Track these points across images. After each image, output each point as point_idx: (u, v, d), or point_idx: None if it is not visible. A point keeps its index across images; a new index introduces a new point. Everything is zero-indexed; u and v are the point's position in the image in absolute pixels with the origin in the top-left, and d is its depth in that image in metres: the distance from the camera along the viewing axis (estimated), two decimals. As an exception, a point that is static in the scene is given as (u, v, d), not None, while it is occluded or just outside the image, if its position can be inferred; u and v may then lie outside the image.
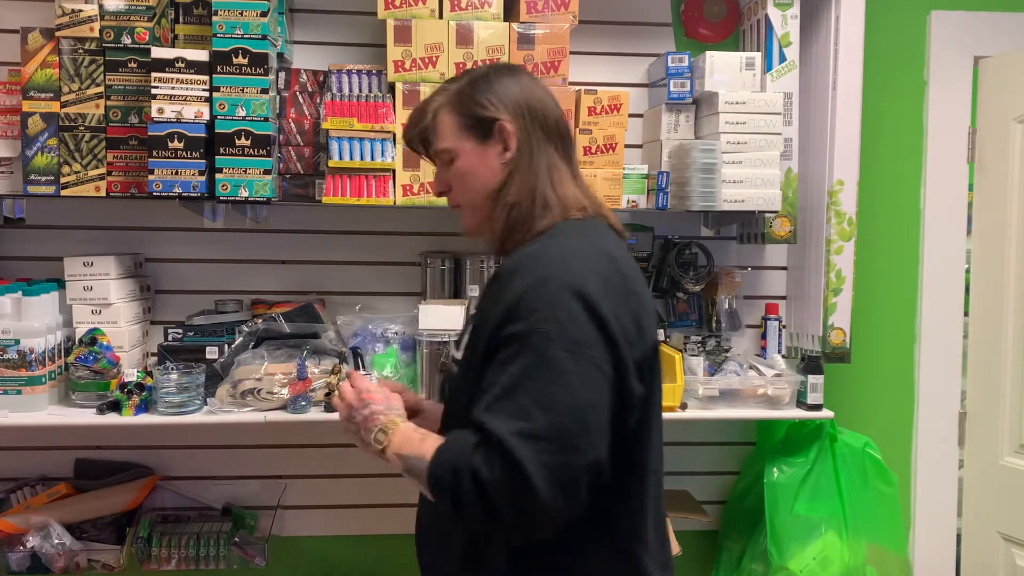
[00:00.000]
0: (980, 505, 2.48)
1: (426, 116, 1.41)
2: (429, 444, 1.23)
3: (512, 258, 1.29)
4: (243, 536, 2.28)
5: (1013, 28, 2.53)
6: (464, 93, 1.39)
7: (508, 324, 1.19)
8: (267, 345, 2.12)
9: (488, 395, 1.17)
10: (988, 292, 2.46)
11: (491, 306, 1.25)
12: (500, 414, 1.14)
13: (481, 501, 1.13)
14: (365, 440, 1.31)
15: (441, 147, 1.39)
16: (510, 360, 1.16)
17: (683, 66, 2.24)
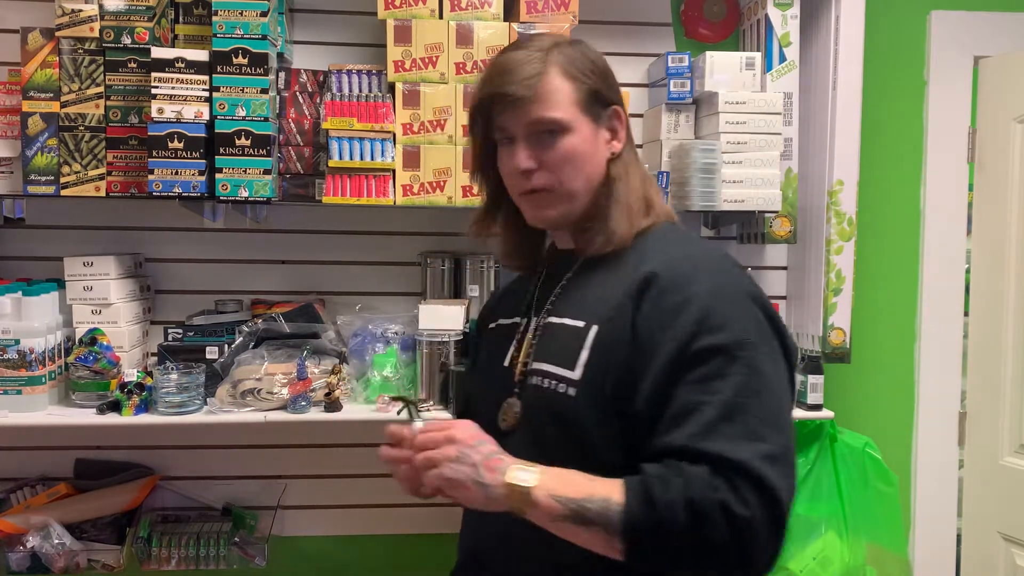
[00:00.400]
0: (980, 505, 2.48)
1: (529, 69, 1.16)
2: (603, 483, 1.02)
3: (647, 265, 1.12)
4: (243, 536, 2.28)
5: (1013, 28, 2.53)
6: (575, 57, 1.20)
7: (701, 337, 1.04)
8: (267, 345, 2.12)
9: (698, 418, 1.00)
10: (988, 292, 2.46)
11: (646, 323, 1.08)
12: (731, 439, 0.99)
13: (736, 543, 0.96)
14: (490, 482, 1.03)
15: (550, 116, 1.16)
16: (718, 377, 1.02)
17: (683, 66, 2.24)
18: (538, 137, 1.18)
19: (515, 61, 1.17)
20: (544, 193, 1.20)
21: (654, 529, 0.98)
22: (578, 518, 1.00)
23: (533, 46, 1.20)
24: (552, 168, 1.18)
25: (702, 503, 0.96)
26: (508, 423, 1.20)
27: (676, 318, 1.07)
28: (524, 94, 1.16)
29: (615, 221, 1.19)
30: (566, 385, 1.13)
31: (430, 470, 1.06)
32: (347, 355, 2.18)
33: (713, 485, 0.97)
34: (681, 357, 1.05)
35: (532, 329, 1.24)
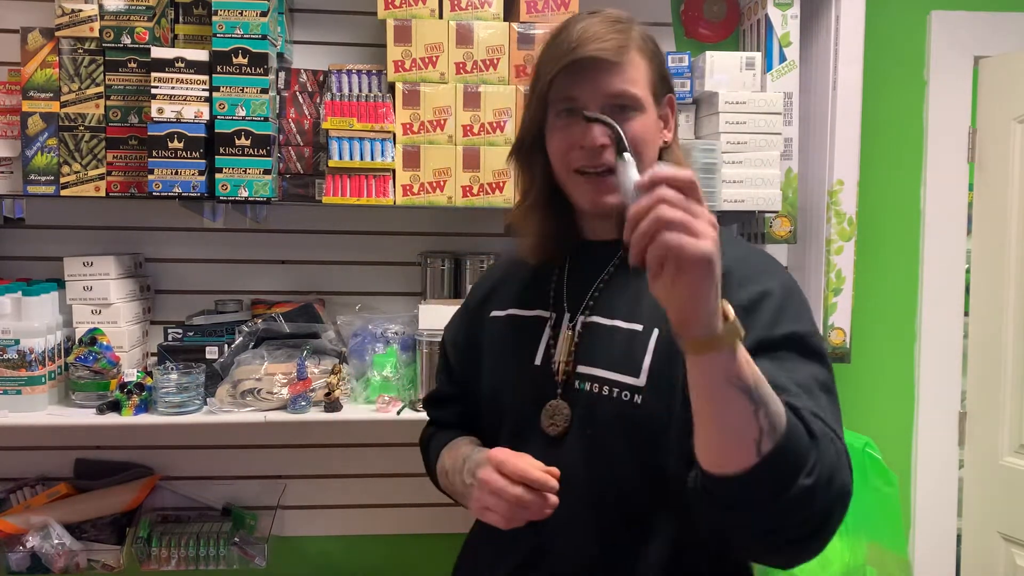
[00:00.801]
0: (980, 505, 2.48)
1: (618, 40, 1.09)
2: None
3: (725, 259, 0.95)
4: (243, 536, 2.28)
5: (1013, 28, 2.53)
6: (649, 40, 1.15)
7: (782, 323, 1.03)
8: (267, 345, 2.12)
9: (787, 386, 0.97)
10: (988, 292, 2.46)
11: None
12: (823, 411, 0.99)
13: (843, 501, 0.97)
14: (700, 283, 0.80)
15: (631, 91, 1.10)
16: (796, 363, 1.02)
17: (683, 66, 2.24)
18: (612, 112, 1.10)
19: (599, 27, 1.10)
20: (609, 175, 1.10)
21: (809, 442, 0.92)
22: (757, 395, 0.87)
23: (608, 16, 1.13)
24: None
25: (844, 450, 0.96)
26: (558, 429, 1.13)
27: (757, 309, 1.04)
28: (616, 60, 1.09)
29: None
30: (631, 392, 1.08)
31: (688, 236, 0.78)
32: (347, 355, 2.18)
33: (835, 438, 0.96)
34: (767, 339, 1.02)
35: (570, 327, 1.16)
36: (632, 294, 1.14)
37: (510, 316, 1.25)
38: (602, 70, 1.09)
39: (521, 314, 1.23)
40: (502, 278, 1.33)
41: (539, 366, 1.17)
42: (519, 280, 1.27)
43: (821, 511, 0.94)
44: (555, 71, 1.10)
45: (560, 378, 1.15)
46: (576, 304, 1.18)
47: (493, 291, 1.31)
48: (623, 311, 1.13)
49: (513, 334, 1.23)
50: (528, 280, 1.26)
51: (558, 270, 1.23)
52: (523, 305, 1.24)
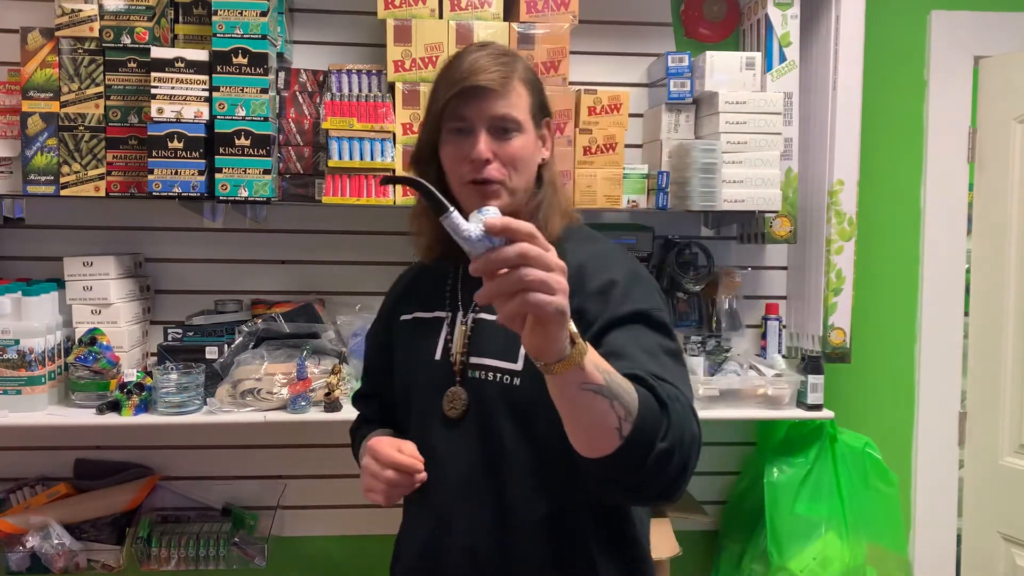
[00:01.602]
0: (980, 505, 2.48)
1: (503, 70, 1.27)
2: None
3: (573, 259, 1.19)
4: (243, 536, 2.28)
5: (1013, 28, 2.53)
6: (531, 72, 1.33)
7: (628, 303, 1.21)
8: (267, 345, 2.12)
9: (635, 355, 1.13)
10: (988, 292, 2.46)
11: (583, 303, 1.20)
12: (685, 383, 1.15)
13: (696, 450, 1.09)
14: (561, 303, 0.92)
15: (512, 114, 1.28)
16: (643, 334, 1.19)
17: (683, 66, 2.24)
18: (498, 132, 1.28)
19: (486, 60, 1.28)
20: (493, 185, 1.28)
21: (660, 412, 1.04)
22: (608, 391, 1.00)
23: (499, 51, 1.31)
24: (505, 162, 1.28)
25: (682, 400, 1.09)
26: (457, 411, 1.29)
27: (608, 294, 1.23)
28: (499, 88, 1.27)
29: (551, 221, 1.32)
30: (511, 376, 1.26)
31: (544, 294, 0.91)
32: (347, 355, 2.18)
33: (678, 392, 1.09)
34: (616, 316, 1.20)
35: (463, 324, 1.33)
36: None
37: (415, 319, 1.41)
38: (488, 97, 1.27)
39: (424, 316, 1.39)
40: (408, 285, 1.50)
41: (439, 360, 1.33)
42: (422, 286, 1.44)
43: (679, 464, 1.07)
44: (448, 96, 1.27)
45: (457, 368, 1.31)
46: (468, 303, 1.35)
47: (401, 297, 1.48)
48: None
49: (417, 334, 1.38)
50: (429, 285, 1.42)
51: (452, 274, 1.40)
52: (425, 308, 1.40)
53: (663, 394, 1.05)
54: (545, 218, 1.31)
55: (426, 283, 1.44)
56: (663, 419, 1.04)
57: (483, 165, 1.27)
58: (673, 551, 2.15)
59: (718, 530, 2.52)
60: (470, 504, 1.27)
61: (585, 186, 2.14)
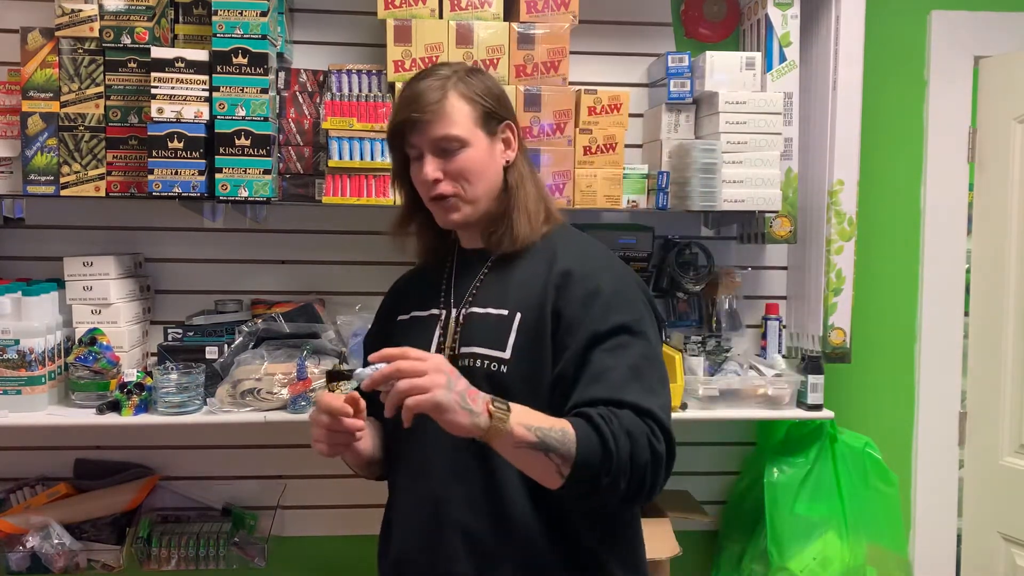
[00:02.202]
0: (980, 505, 2.48)
1: (432, 96, 1.36)
2: (557, 420, 1.23)
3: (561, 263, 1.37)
4: (243, 536, 2.28)
5: (1013, 28, 2.53)
6: (471, 83, 1.41)
7: (607, 317, 1.32)
8: (267, 345, 2.12)
9: (612, 376, 1.27)
10: (988, 292, 2.46)
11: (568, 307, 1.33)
12: (639, 392, 1.27)
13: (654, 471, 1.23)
14: (474, 409, 1.17)
15: (451, 133, 1.37)
16: (624, 347, 1.30)
17: (683, 66, 2.24)
18: (442, 151, 1.38)
19: (420, 89, 1.38)
20: (449, 199, 1.40)
21: (604, 454, 1.20)
22: (542, 445, 1.19)
23: (436, 75, 1.40)
24: (455, 177, 1.38)
25: (636, 433, 1.22)
26: None
27: (591, 303, 1.33)
28: (428, 118, 1.36)
29: (519, 224, 1.41)
30: (499, 364, 1.35)
31: (418, 395, 1.14)
32: (347, 355, 2.17)
33: (638, 421, 1.24)
34: (599, 331, 1.31)
35: (455, 319, 1.42)
36: (501, 287, 1.41)
37: (412, 317, 1.50)
38: (423, 125, 1.37)
39: (420, 314, 1.49)
40: (404, 288, 1.60)
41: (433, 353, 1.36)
42: (418, 287, 1.54)
43: (632, 485, 1.22)
44: (389, 131, 1.43)
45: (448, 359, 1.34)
46: (459, 301, 1.44)
47: (399, 299, 1.57)
48: (493, 300, 1.40)
49: (414, 331, 1.47)
50: (424, 286, 1.52)
51: (447, 275, 1.50)
52: (421, 307, 1.49)
53: (607, 433, 1.20)
54: (515, 222, 1.40)
55: (422, 284, 1.53)
56: (605, 457, 1.19)
57: (432, 185, 1.38)
58: (673, 551, 2.15)
59: (718, 530, 2.52)
60: (463, 486, 1.34)
61: (585, 186, 2.14)
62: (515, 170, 1.45)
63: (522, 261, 1.42)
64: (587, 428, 1.21)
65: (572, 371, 1.31)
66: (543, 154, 2.12)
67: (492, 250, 1.44)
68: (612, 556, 1.38)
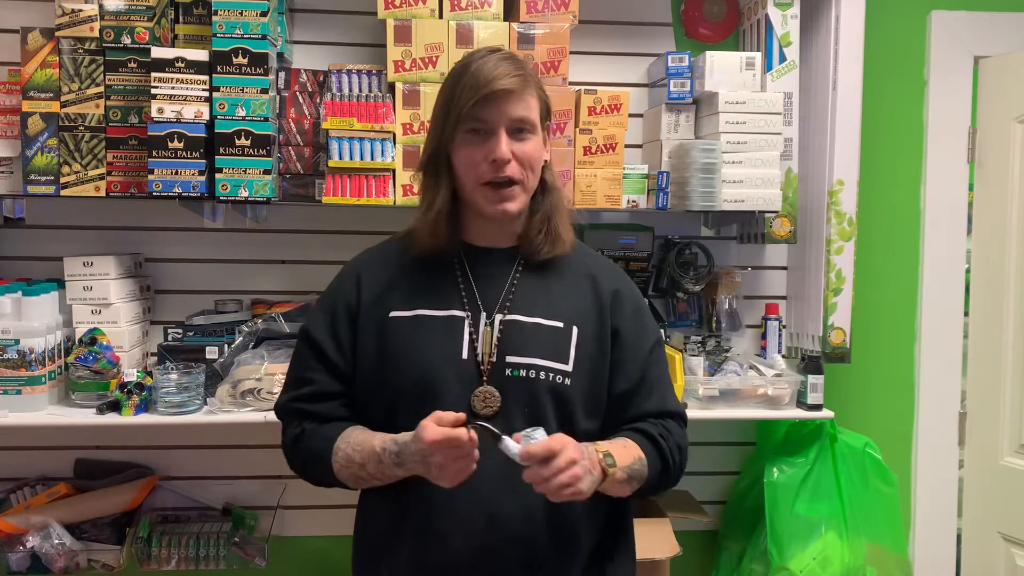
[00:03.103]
0: (980, 505, 2.48)
1: (518, 77, 1.33)
2: (630, 446, 1.35)
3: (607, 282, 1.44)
4: (243, 536, 2.28)
5: (1013, 28, 2.53)
6: (538, 80, 1.40)
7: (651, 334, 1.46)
8: (267, 345, 2.12)
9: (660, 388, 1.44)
10: (988, 292, 2.46)
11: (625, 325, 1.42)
12: (673, 399, 1.46)
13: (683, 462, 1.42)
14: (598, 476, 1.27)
15: (530, 116, 1.35)
16: (659, 359, 1.46)
17: (683, 66, 2.24)
18: (515, 133, 1.34)
19: (506, 66, 1.33)
20: (513, 185, 1.34)
21: (665, 469, 1.38)
22: (630, 479, 1.32)
23: (507, 55, 1.37)
24: (522, 162, 1.34)
25: (683, 444, 1.42)
26: (492, 410, 1.34)
27: (640, 319, 1.45)
28: (519, 92, 1.33)
29: (563, 228, 1.41)
30: (563, 376, 1.36)
31: (568, 488, 1.22)
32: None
33: (681, 431, 1.44)
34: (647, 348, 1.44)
35: (488, 324, 1.37)
36: (546, 296, 1.40)
37: (418, 316, 1.38)
38: (508, 100, 1.32)
39: (433, 314, 1.38)
40: (388, 281, 1.43)
41: (466, 359, 1.35)
42: (412, 282, 1.41)
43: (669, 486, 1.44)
44: (475, 99, 1.31)
45: (486, 367, 1.35)
46: (491, 304, 1.38)
47: (385, 293, 1.41)
48: (541, 310, 1.38)
49: (430, 331, 1.37)
50: (428, 282, 1.41)
51: (460, 274, 1.40)
52: (432, 306, 1.38)
53: (668, 455, 1.38)
54: (558, 224, 1.40)
55: (422, 280, 1.41)
56: (664, 475, 1.39)
57: (504, 165, 1.32)
58: (673, 551, 2.15)
59: (718, 530, 2.52)
60: (520, 499, 1.30)
61: (585, 186, 2.14)
62: (550, 169, 1.43)
63: (554, 270, 1.42)
64: (654, 452, 1.37)
65: (630, 386, 1.41)
66: (543, 154, 2.12)
67: (528, 253, 1.40)
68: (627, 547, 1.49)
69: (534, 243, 1.39)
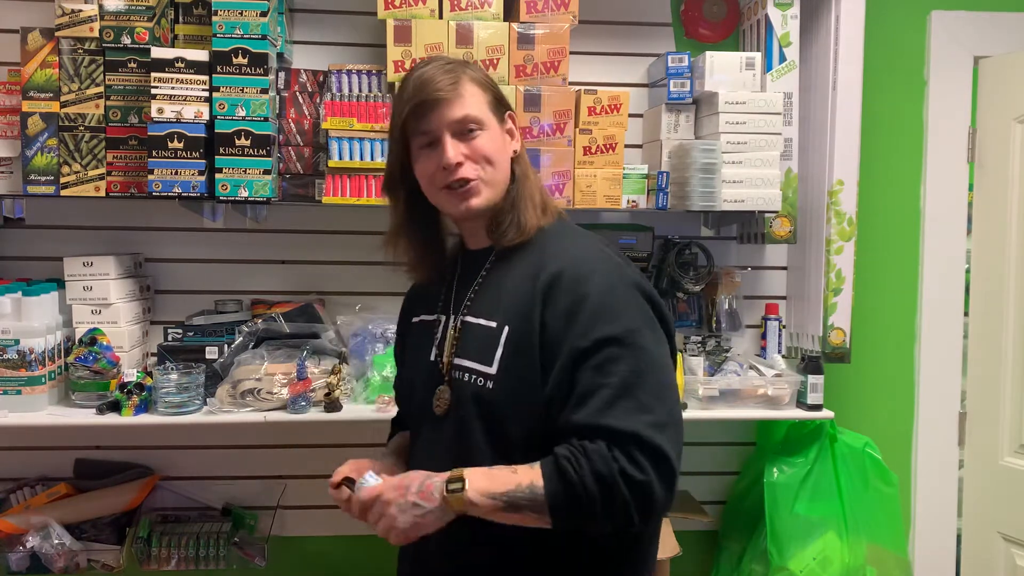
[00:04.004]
0: (980, 505, 2.48)
1: (448, 79, 1.32)
2: (524, 472, 1.21)
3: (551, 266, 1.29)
4: (243, 536, 2.28)
5: (1013, 28, 2.53)
6: (478, 70, 1.40)
7: (593, 329, 1.23)
8: (267, 345, 2.12)
9: (597, 398, 1.20)
10: (988, 292, 2.46)
11: (553, 320, 1.26)
12: (624, 412, 1.19)
13: (638, 501, 1.17)
14: (433, 507, 1.22)
15: (471, 114, 1.33)
16: (612, 362, 1.22)
17: (683, 66, 2.24)
18: (462, 134, 1.33)
19: (432, 73, 1.33)
20: (471, 184, 1.34)
21: (574, 502, 1.18)
22: (511, 507, 1.20)
23: (444, 61, 1.37)
24: (476, 159, 1.33)
25: (606, 475, 1.16)
26: (441, 408, 1.36)
27: (576, 315, 1.25)
28: (450, 96, 1.32)
29: (525, 213, 1.36)
30: (484, 379, 1.30)
31: (390, 531, 1.24)
32: (347, 355, 2.18)
33: (612, 457, 1.17)
34: (581, 348, 1.23)
35: (452, 327, 1.39)
36: (494, 294, 1.36)
37: (420, 321, 1.48)
38: (442, 106, 1.32)
39: (427, 319, 1.46)
40: (417, 289, 1.55)
41: (432, 360, 1.40)
42: (424, 292, 1.51)
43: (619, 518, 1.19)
44: (405, 113, 1.33)
45: (444, 368, 1.37)
46: (458, 307, 1.40)
47: (413, 302, 1.55)
48: (485, 310, 1.35)
49: (420, 335, 1.46)
50: (430, 291, 1.48)
51: (450, 278, 1.46)
52: (427, 311, 1.47)
53: (574, 479, 1.17)
54: (521, 212, 1.36)
55: (431, 287, 1.49)
56: (575, 504, 1.18)
57: (455, 168, 1.32)
58: (673, 551, 2.15)
59: (718, 530, 2.52)
60: (457, 558, 1.33)
61: (585, 186, 2.14)
62: (521, 161, 1.42)
63: (517, 262, 1.35)
64: (555, 479, 1.19)
65: (559, 392, 1.24)
66: (543, 154, 2.12)
67: (496, 242, 1.38)
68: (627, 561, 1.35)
69: (497, 233, 1.38)
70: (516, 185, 1.39)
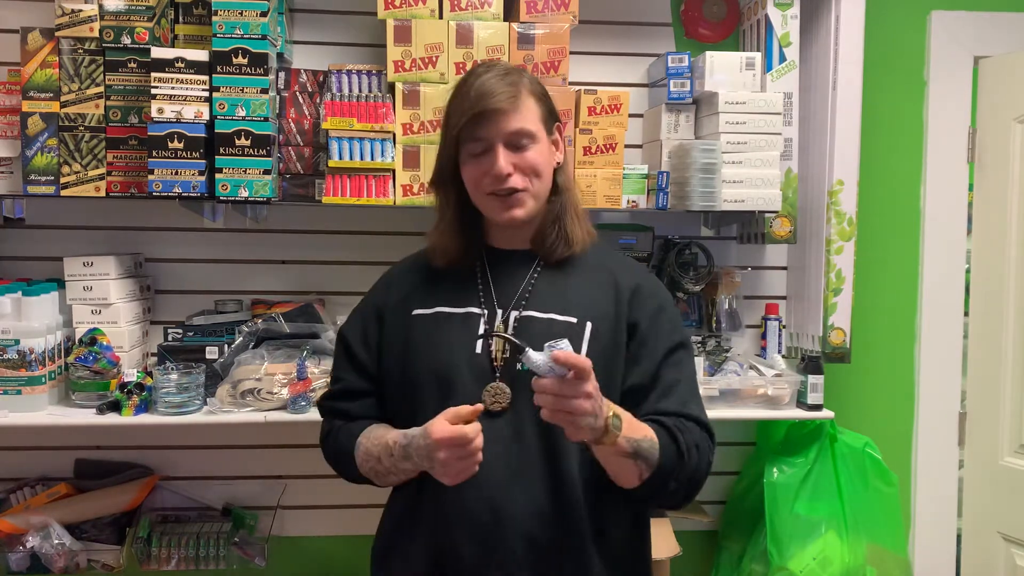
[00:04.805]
0: (980, 505, 2.48)
1: (509, 90, 1.37)
2: (647, 427, 1.32)
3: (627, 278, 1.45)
4: (243, 536, 2.28)
5: (1013, 28, 2.53)
6: (536, 82, 1.44)
7: (673, 333, 1.44)
8: (267, 345, 2.12)
9: (680, 390, 1.40)
10: (988, 292, 2.46)
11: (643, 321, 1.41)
12: (698, 407, 1.42)
13: (705, 471, 1.38)
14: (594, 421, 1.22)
15: (526, 128, 1.38)
16: (682, 363, 1.43)
17: (683, 66, 2.24)
18: (515, 146, 1.38)
19: (494, 83, 1.37)
20: (517, 194, 1.39)
21: (679, 460, 1.32)
22: (635, 454, 1.28)
23: (505, 70, 1.41)
24: (525, 171, 1.39)
25: (702, 446, 1.37)
26: (501, 405, 1.36)
27: (660, 319, 1.43)
28: (508, 108, 1.37)
29: (572, 228, 1.44)
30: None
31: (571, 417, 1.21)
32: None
33: (704, 436, 1.39)
34: (667, 347, 1.42)
35: (504, 320, 1.40)
36: (558, 293, 1.42)
37: (439, 313, 1.45)
38: (500, 117, 1.37)
39: (451, 311, 1.44)
40: (413, 283, 1.51)
41: (479, 354, 1.39)
42: (434, 284, 1.49)
43: (691, 492, 1.38)
44: (463, 122, 1.38)
45: (499, 363, 1.38)
46: (506, 301, 1.43)
47: (410, 294, 1.50)
48: (555, 306, 1.41)
49: (447, 327, 1.43)
50: (446, 283, 1.47)
51: (480, 274, 1.46)
52: (452, 304, 1.45)
53: (684, 447, 1.33)
54: (568, 225, 1.44)
55: (446, 282, 1.48)
56: (677, 466, 1.32)
57: (504, 179, 1.37)
58: (673, 551, 2.15)
59: (718, 530, 2.52)
60: (527, 491, 1.34)
61: (585, 186, 2.14)
62: (564, 172, 1.47)
63: (572, 269, 1.45)
64: (667, 439, 1.32)
65: (646, 382, 1.39)
66: (543, 154, 2.12)
67: (543, 254, 1.45)
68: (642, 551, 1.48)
69: (546, 245, 1.44)
70: (560, 197, 1.45)
